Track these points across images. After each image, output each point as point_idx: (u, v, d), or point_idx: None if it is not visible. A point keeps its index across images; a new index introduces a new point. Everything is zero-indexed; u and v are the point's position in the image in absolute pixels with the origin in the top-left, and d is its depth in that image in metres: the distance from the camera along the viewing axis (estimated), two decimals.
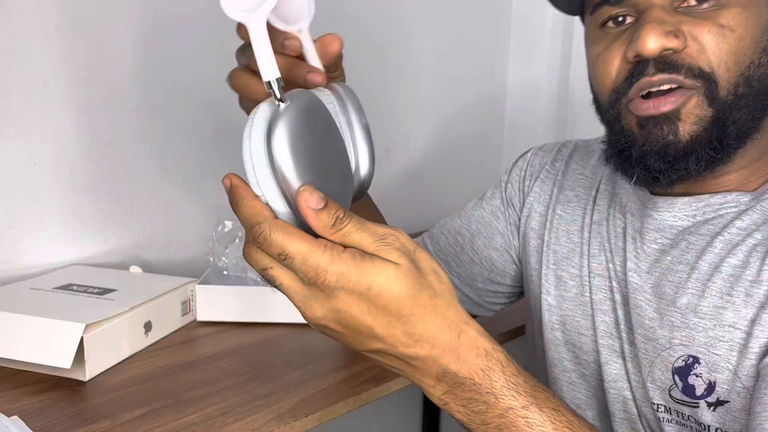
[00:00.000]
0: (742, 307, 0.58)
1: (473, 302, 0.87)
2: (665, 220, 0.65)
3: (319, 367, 0.79)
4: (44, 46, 0.91)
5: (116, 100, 0.99)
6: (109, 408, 0.67)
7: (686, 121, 0.58)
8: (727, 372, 0.58)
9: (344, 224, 0.45)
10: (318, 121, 0.47)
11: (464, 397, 0.48)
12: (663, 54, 0.57)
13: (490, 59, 1.63)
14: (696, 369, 0.60)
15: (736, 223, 0.61)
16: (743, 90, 0.58)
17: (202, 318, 0.92)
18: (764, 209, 0.61)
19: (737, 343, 0.58)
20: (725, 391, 0.59)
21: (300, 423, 0.67)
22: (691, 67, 0.57)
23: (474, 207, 0.87)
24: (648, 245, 0.66)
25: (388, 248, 0.46)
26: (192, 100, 1.06)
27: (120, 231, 1.02)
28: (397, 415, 1.58)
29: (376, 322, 0.46)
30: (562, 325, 0.74)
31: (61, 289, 0.84)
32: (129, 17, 0.99)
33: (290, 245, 0.44)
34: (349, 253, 0.45)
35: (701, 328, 0.60)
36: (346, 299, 0.45)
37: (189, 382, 0.74)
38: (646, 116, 0.59)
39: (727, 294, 0.59)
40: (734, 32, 0.56)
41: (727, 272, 0.60)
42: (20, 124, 0.90)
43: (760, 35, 0.57)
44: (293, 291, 0.46)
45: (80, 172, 0.97)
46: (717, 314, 0.59)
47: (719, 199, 0.62)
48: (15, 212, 0.91)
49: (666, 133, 0.58)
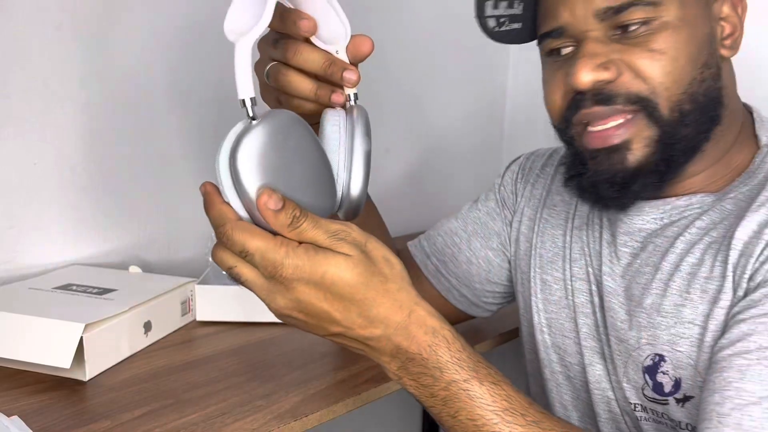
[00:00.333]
0: (699, 303, 0.61)
1: (470, 302, 0.87)
2: (635, 224, 0.67)
3: (319, 367, 0.79)
4: (44, 46, 0.91)
5: (116, 100, 0.99)
6: (109, 408, 0.67)
7: (635, 148, 0.61)
8: (689, 368, 0.61)
9: (300, 222, 0.49)
10: (289, 139, 0.51)
11: (415, 372, 0.52)
12: (596, 87, 0.61)
13: (491, 60, 1.63)
14: (663, 367, 0.63)
15: (696, 223, 0.64)
16: (688, 107, 0.60)
17: (201, 318, 0.92)
18: (723, 208, 0.63)
19: (696, 338, 0.60)
20: (689, 387, 0.61)
21: (300, 423, 0.67)
22: (627, 95, 0.60)
23: (470, 209, 0.89)
24: (620, 249, 0.68)
25: (341, 242, 0.50)
26: (192, 100, 1.06)
27: (120, 231, 1.02)
28: (396, 415, 1.58)
29: (333, 308, 0.50)
30: (548, 327, 0.76)
31: (61, 289, 0.84)
32: (129, 17, 0.99)
33: (250, 243, 0.49)
34: (303, 247, 0.49)
35: (664, 327, 0.62)
36: (303, 289, 0.49)
37: (189, 382, 0.74)
38: (596, 149, 0.63)
39: (686, 291, 0.62)
40: (666, 54, 0.59)
41: (686, 270, 0.62)
42: (20, 124, 0.90)
43: (697, 52, 0.60)
44: (257, 286, 0.50)
45: (80, 172, 0.97)
46: (677, 312, 0.62)
47: (685, 201, 0.65)
48: (15, 212, 0.91)
49: (615, 162, 0.62)
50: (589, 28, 0.62)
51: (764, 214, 0.59)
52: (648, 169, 0.62)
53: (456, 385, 0.52)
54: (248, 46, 0.50)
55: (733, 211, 0.62)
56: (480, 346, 0.90)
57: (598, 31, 0.61)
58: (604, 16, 0.61)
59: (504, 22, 0.71)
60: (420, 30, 1.44)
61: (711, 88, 0.62)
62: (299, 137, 0.52)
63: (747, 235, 0.59)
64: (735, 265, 0.59)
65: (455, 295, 0.86)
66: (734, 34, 0.64)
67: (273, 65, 0.58)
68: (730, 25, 0.64)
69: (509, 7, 0.70)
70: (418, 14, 1.43)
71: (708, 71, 0.61)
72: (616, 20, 0.60)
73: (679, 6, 0.60)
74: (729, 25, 0.64)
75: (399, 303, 0.52)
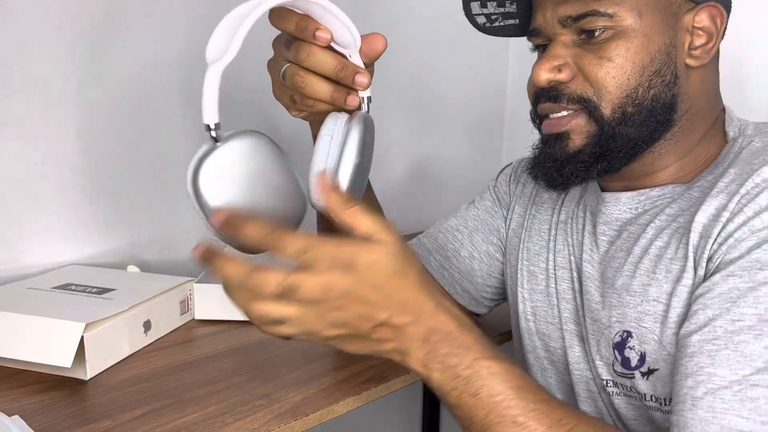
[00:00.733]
0: (663, 282, 0.65)
1: (471, 297, 0.89)
2: (612, 213, 0.73)
3: (319, 367, 0.79)
4: (45, 46, 0.91)
5: (116, 100, 0.99)
6: (109, 408, 0.67)
7: (575, 138, 0.69)
8: (653, 342, 0.65)
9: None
10: (252, 160, 0.56)
11: (443, 353, 0.56)
12: (550, 85, 0.69)
13: (490, 59, 1.64)
14: (630, 342, 0.68)
15: (666, 210, 0.69)
16: (631, 110, 0.67)
17: (200, 317, 0.92)
18: (690, 196, 0.68)
19: (659, 315, 0.65)
20: (653, 360, 0.66)
21: (300, 423, 0.67)
22: (570, 96, 0.68)
23: (467, 208, 0.92)
24: (600, 238, 0.74)
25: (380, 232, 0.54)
26: (192, 100, 1.06)
27: (119, 231, 1.02)
28: (397, 415, 1.58)
29: (381, 293, 0.53)
30: (534, 315, 0.81)
31: (60, 289, 0.84)
32: (129, 18, 0.99)
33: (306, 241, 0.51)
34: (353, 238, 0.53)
35: (632, 305, 0.67)
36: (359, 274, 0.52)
37: (189, 381, 0.74)
38: (546, 135, 0.72)
39: (652, 272, 0.67)
40: (613, 61, 0.66)
41: (653, 253, 0.67)
42: (21, 125, 0.90)
43: (648, 61, 0.66)
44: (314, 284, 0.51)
45: (80, 172, 0.97)
46: (644, 291, 0.67)
47: (658, 191, 0.70)
48: (16, 212, 0.91)
49: (557, 148, 0.70)
50: (557, 32, 0.69)
51: (722, 199, 0.63)
52: (581, 158, 0.69)
53: (479, 363, 0.56)
54: (216, 74, 0.52)
55: (699, 199, 0.66)
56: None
57: (565, 35, 0.68)
58: (566, 23, 0.68)
59: (496, 19, 0.78)
60: (421, 29, 1.44)
61: (660, 94, 0.67)
62: (263, 158, 0.56)
63: (706, 219, 0.63)
64: (696, 246, 0.63)
65: (458, 290, 0.88)
66: (708, 44, 0.68)
67: (288, 66, 0.61)
68: (705, 35, 0.67)
69: (500, 5, 0.76)
70: (419, 14, 1.43)
71: (659, 79, 0.66)
72: (576, 27, 0.67)
73: (636, 17, 0.65)
74: (704, 35, 0.67)
75: (429, 293, 0.56)
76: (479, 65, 1.61)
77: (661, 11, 0.66)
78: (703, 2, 0.67)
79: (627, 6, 0.65)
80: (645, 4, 0.66)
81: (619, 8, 0.65)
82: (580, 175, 0.70)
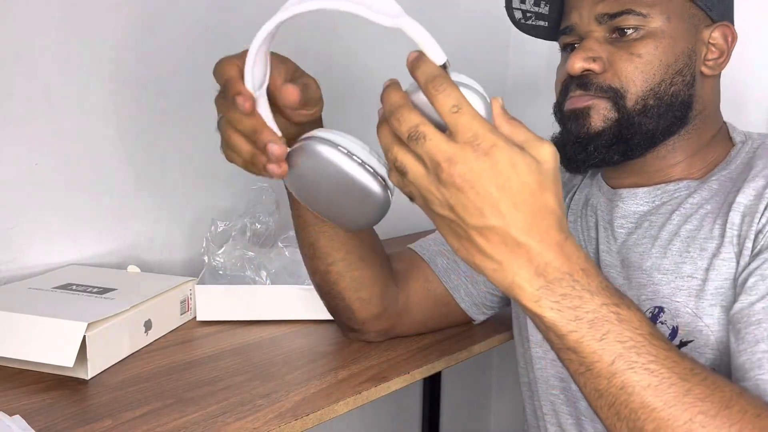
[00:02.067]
0: (698, 260, 0.69)
1: (473, 302, 0.89)
2: (629, 207, 0.77)
3: (320, 367, 0.79)
4: (45, 46, 0.91)
5: (116, 100, 0.99)
6: (110, 407, 0.67)
7: (595, 118, 0.73)
8: (687, 315, 0.68)
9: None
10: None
11: (560, 293, 0.51)
12: (583, 74, 0.73)
13: (490, 59, 1.64)
14: (661, 317, 0.70)
15: (689, 200, 0.73)
16: (652, 102, 0.72)
17: (201, 317, 0.92)
18: (711, 188, 0.73)
19: (695, 289, 0.68)
20: (687, 333, 0.68)
21: (300, 422, 0.67)
22: (600, 85, 0.72)
23: None
24: (617, 230, 0.77)
25: (538, 143, 0.51)
26: (192, 101, 1.06)
27: (119, 231, 1.02)
28: (396, 415, 1.59)
29: (506, 197, 0.49)
30: None
31: (61, 289, 0.84)
32: (130, 18, 0.99)
33: (464, 102, 0.49)
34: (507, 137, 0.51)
35: (664, 282, 0.71)
36: (491, 165, 0.48)
37: (190, 381, 0.74)
38: (568, 111, 0.75)
39: (685, 252, 0.70)
40: (642, 58, 0.71)
41: (684, 235, 0.71)
42: (21, 125, 0.90)
43: (673, 60, 0.72)
44: (440, 147, 0.48)
45: (80, 172, 0.97)
46: (677, 269, 0.70)
47: (674, 186, 0.75)
48: (16, 212, 0.91)
49: (580, 125, 0.73)
50: (591, 29, 0.73)
51: (761, 181, 0.68)
52: (602, 139, 0.73)
53: (606, 308, 0.51)
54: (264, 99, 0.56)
55: (719, 190, 0.72)
56: (480, 345, 0.91)
57: (599, 32, 0.73)
58: (602, 20, 0.72)
59: (530, 17, 0.82)
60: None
61: (680, 92, 0.72)
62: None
63: (747, 199, 0.68)
64: (739, 224, 0.67)
65: (461, 294, 0.88)
66: (719, 59, 0.74)
67: (220, 118, 0.61)
68: (718, 51, 0.74)
69: (535, 5, 0.81)
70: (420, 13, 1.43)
71: (680, 78, 0.72)
72: (611, 24, 0.72)
73: (665, 20, 0.71)
74: (716, 51, 0.74)
75: (560, 224, 0.51)
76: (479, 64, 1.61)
77: (686, 20, 0.72)
78: (719, 21, 0.74)
79: (658, 9, 0.71)
80: (673, 10, 0.72)
81: (652, 10, 0.71)
82: (601, 154, 0.73)
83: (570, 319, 0.51)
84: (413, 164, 0.50)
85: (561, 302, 0.51)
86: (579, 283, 0.51)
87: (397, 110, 0.50)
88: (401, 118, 0.49)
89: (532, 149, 0.50)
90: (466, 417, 1.77)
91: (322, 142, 0.56)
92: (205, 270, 0.97)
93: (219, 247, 0.97)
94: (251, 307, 0.92)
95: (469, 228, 0.50)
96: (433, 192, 0.50)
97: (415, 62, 0.51)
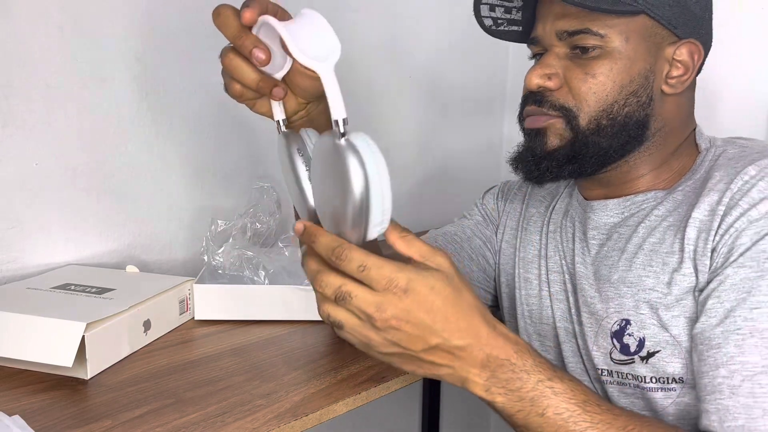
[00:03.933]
0: (660, 273, 0.71)
1: None
2: (600, 219, 0.79)
3: (319, 367, 0.79)
4: (46, 47, 0.91)
5: (116, 100, 0.99)
6: (110, 407, 0.67)
7: (551, 137, 0.75)
8: (653, 327, 0.71)
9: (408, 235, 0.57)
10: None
11: (504, 378, 0.58)
12: (538, 90, 0.75)
13: (490, 60, 1.64)
14: (628, 329, 0.73)
15: (654, 212, 0.75)
16: (605, 122, 0.73)
17: (199, 317, 0.92)
18: (675, 199, 0.75)
19: (657, 302, 0.71)
20: (654, 344, 0.71)
21: (300, 422, 0.67)
22: (553, 103, 0.74)
23: (461, 219, 0.98)
24: (590, 242, 0.80)
25: (434, 257, 0.57)
26: (192, 101, 1.06)
27: (119, 231, 1.02)
28: (396, 415, 1.59)
29: (437, 317, 0.55)
30: (530, 317, 0.87)
31: (59, 289, 0.84)
32: (130, 18, 0.99)
33: (367, 259, 0.53)
34: (413, 264, 0.56)
35: (629, 295, 0.73)
36: (414, 298, 0.54)
37: (189, 381, 0.74)
38: (528, 130, 0.78)
39: (648, 265, 0.73)
40: (596, 78, 0.72)
41: (648, 249, 0.73)
42: (21, 125, 0.90)
43: (628, 81, 0.72)
44: (367, 300, 0.54)
45: (80, 172, 0.97)
46: (640, 281, 0.73)
47: (641, 197, 0.77)
48: (16, 212, 0.91)
49: (537, 144, 0.76)
50: (553, 43, 0.75)
51: (714, 196, 0.69)
52: (555, 156, 0.75)
53: (543, 384, 0.59)
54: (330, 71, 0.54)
55: (683, 201, 0.73)
56: None
57: (559, 47, 0.74)
58: (561, 36, 0.73)
59: (502, 23, 0.82)
60: (421, 29, 1.44)
61: (634, 113, 0.73)
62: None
63: (702, 214, 0.69)
64: (694, 240, 0.69)
65: None
66: (683, 76, 0.74)
67: (225, 47, 0.62)
68: (683, 68, 0.74)
69: (506, 12, 0.81)
70: (421, 15, 1.44)
71: (635, 99, 0.73)
72: (571, 41, 0.73)
73: (623, 41, 0.72)
74: (681, 68, 0.74)
75: (485, 318, 0.58)
76: (479, 65, 1.61)
77: (646, 39, 0.72)
78: (685, 38, 0.73)
79: (617, 30, 0.71)
80: (633, 30, 0.72)
81: (610, 31, 0.71)
82: (553, 172, 0.75)
83: (515, 400, 0.59)
84: (348, 318, 0.55)
85: (506, 386, 0.58)
86: (516, 366, 0.58)
87: (316, 277, 0.55)
88: (323, 284, 0.54)
89: (433, 262, 0.56)
90: (466, 417, 1.77)
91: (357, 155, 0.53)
92: (204, 270, 0.97)
93: (218, 247, 0.97)
94: (250, 307, 0.92)
95: (418, 353, 0.56)
96: (374, 338, 0.55)
97: (310, 237, 0.55)
